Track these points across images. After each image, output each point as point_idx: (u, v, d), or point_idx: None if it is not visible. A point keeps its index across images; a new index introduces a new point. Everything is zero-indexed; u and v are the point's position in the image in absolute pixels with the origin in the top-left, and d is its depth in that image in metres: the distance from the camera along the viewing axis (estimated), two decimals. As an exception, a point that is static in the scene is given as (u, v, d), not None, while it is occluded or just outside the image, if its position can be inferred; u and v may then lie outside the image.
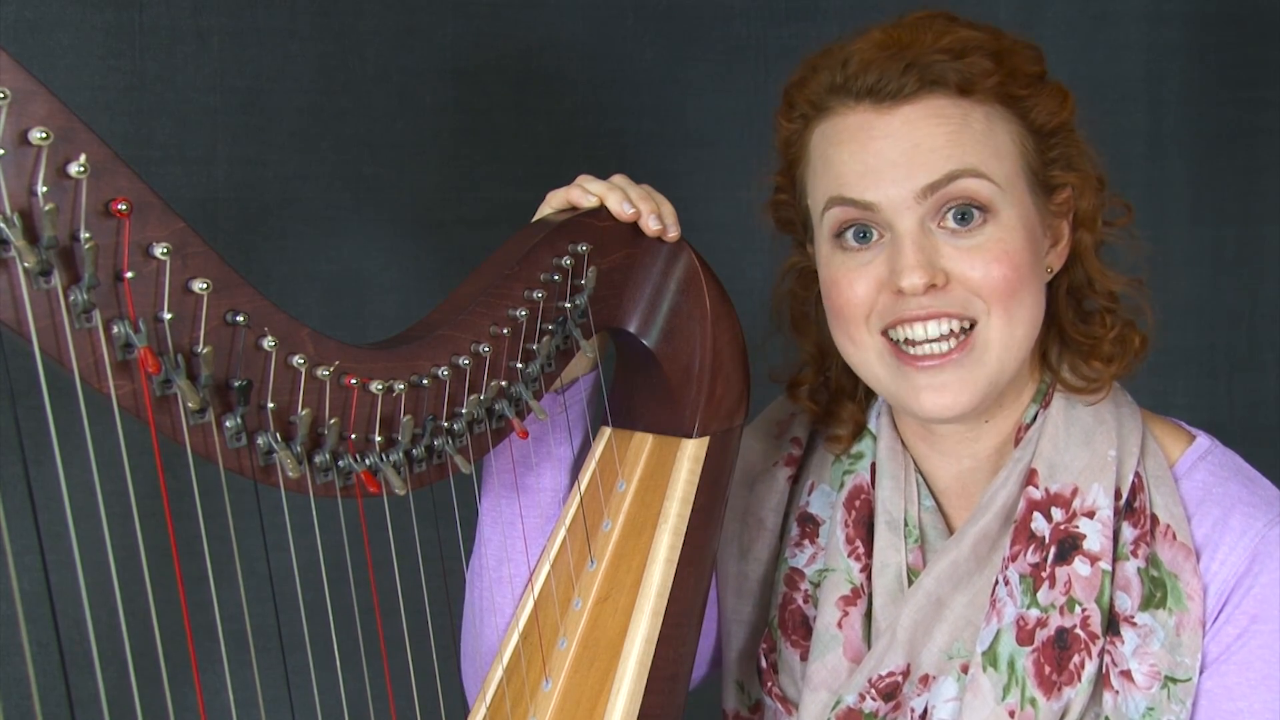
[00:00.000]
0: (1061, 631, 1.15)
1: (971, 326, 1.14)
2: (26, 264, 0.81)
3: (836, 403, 1.30)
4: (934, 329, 1.13)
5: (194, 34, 1.81)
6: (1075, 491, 1.18)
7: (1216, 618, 1.15)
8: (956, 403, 1.15)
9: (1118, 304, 1.22)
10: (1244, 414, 2.24)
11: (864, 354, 1.18)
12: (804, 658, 1.26)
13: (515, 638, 1.22)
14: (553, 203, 1.21)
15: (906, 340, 1.15)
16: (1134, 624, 1.15)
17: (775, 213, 1.28)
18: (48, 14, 1.76)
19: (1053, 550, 1.16)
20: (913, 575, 1.22)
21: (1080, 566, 1.15)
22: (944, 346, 1.14)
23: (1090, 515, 1.17)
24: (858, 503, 1.26)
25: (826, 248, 1.18)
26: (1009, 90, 1.14)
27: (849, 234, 1.16)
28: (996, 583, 1.18)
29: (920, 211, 1.12)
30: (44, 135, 0.81)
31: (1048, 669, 1.14)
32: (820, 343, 1.29)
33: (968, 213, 1.12)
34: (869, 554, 1.24)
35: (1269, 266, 2.23)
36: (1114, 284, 1.21)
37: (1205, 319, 2.22)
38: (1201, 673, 1.15)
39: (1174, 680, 1.14)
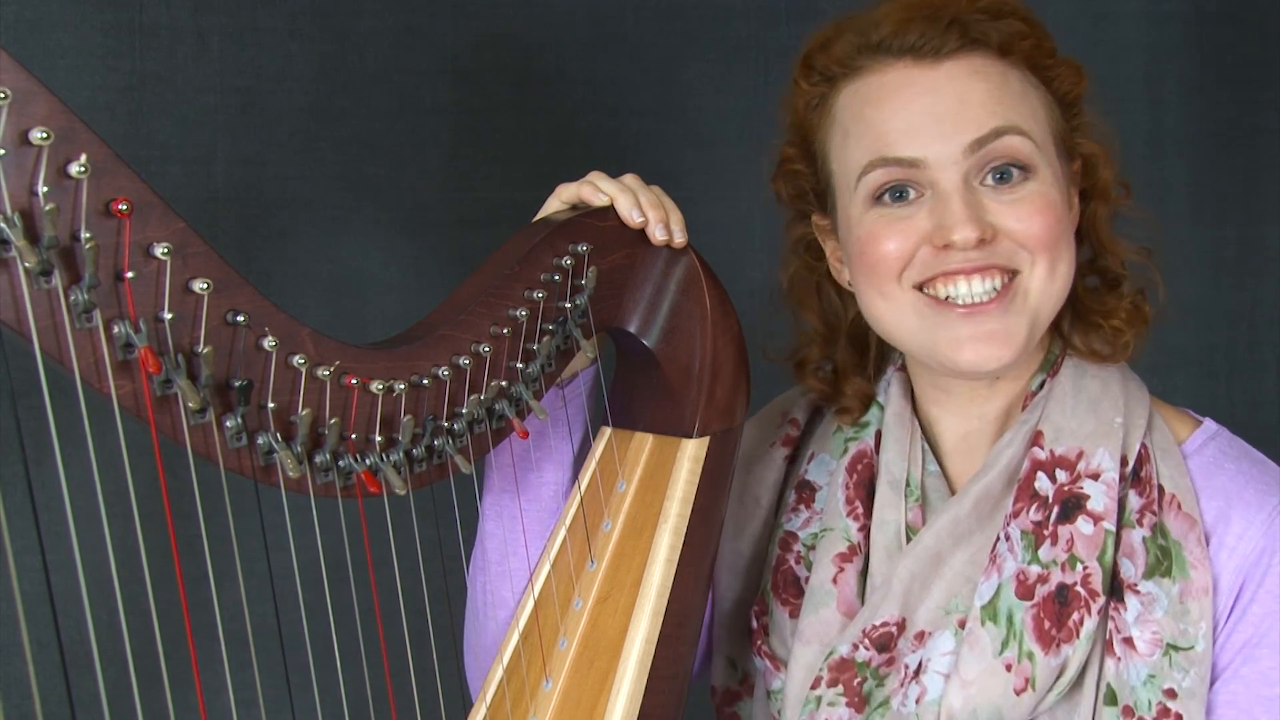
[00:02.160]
0: (1062, 587, 1.14)
1: (1013, 278, 1.14)
2: (27, 264, 0.81)
3: (843, 379, 1.30)
4: (978, 285, 1.14)
5: (194, 34, 1.81)
6: (1080, 455, 1.18)
7: (1237, 599, 1.15)
8: (1001, 354, 1.14)
9: (1127, 274, 1.23)
10: (1244, 414, 2.24)
11: (896, 308, 1.17)
12: (793, 615, 1.25)
13: (515, 637, 1.22)
14: (562, 196, 1.21)
15: (948, 298, 1.14)
16: (1138, 591, 1.15)
17: (788, 183, 1.27)
18: (48, 14, 1.76)
19: (1055, 509, 1.17)
20: (911, 533, 1.22)
21: (1083, 525, 1.15)
22: (986, 298, 1.14)
23: (1095, 477, 1.17)
24: (860, 466, 1.27)
25: (860, 208, 1.17)
26: (1038, 57, 1.17)
27: (886, 195, 1.16)
28: (998, 539, 1.18)
29: (965, 167, 1.13)
30: (44, 135, 0.81)
31: (1047, 624, 1.14)
32: (827, 319, 1.30)
33: (1007, 171, 1.14)
34: (868, 514, 1.24)
35: (1269, 266, 2.23)
36: (1125, 252, 1.23)
37: (1205, 319, 2.22)
38: (1225, 656, 1.15)
39: (1176, 648, 1.14)
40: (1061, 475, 1.18)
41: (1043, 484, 1.18)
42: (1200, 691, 1.14)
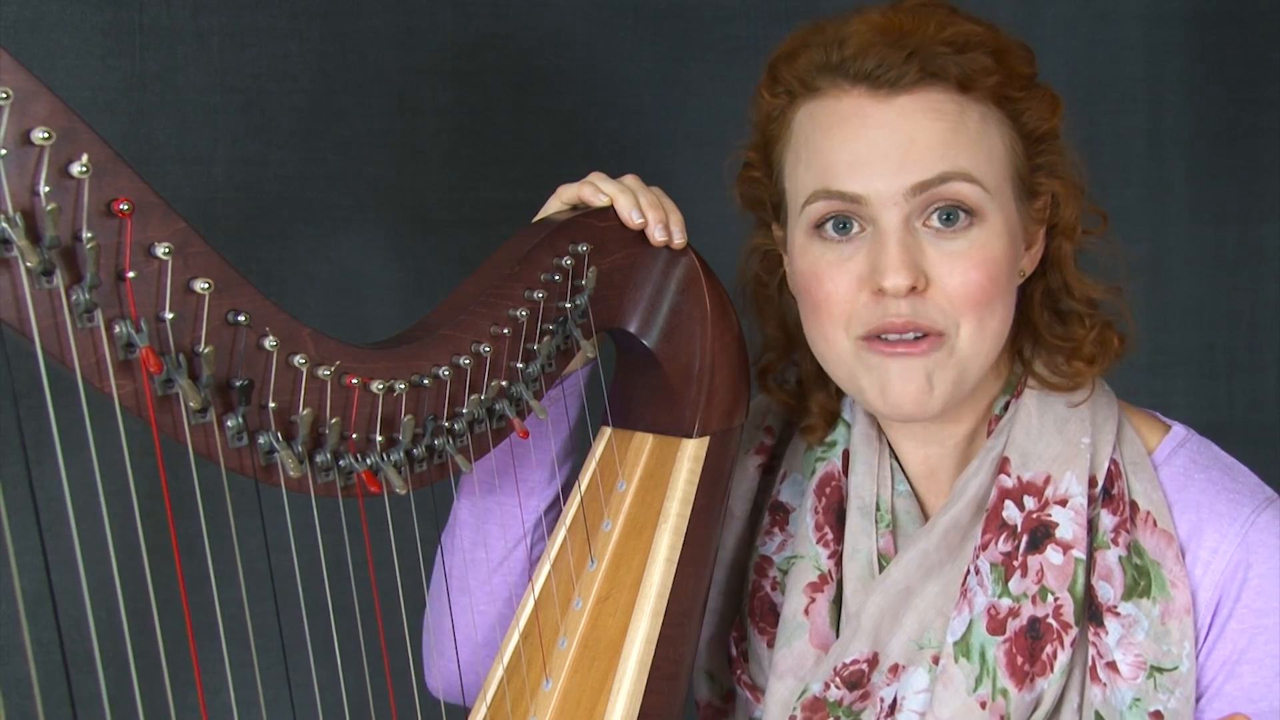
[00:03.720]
0: (1034, 621, 1.13)
1: (941, 338, 1.12)
2: (29, 264, 0.81)
3: (806, 392, 1.28)
4: (910, 335, 1.11)
5: (194, 34, 1.81)
6: (1048, 480, 1.16)
7: (1214, 616, 1.14)
8: (926, 407, 1.12)
9: (1096, 309, 1.20)
10: (1244, 414, 2.24)
11: (835, 351, 1.15)
12: (770, 645, 1.25)
13: (515, 637, 1.22)
14: (563, 196, 1.20)
15: (881, 337, 1.12)
16: (1117, 614, 1.14)
17: (744, 189, 1.25)
18: (48, 14, 1.76)
19: (1024, 539, 1.15)
20: (883, 561, 1.20)
21: (1053, 555, 1.14)
22: (914, 335, 1.12)
23: (1063, 504, 1.15)
24: (828, 490, 1.25)
25: (803, 236, 1.15)
26: (1005, 91, 1.12)
27: (829, 225, 1.13)
28: (968, 572, 1.16)
29: (907, 209, 1.10)
30: (46, 135, 0.81)
31: (1020, 659, 1.13)
32: (785, 326, 1.27)
33: (953, 214, 1.10)
34: (838, 540, 1.23)
35: (1269, 266, 2.23)
36: (1093, 290, 1.20)
37: (1205, 319, 2.22)
38: (1206, 674, 1.14)
39: (1160, 670, 1.13)
40: (1030, 502, 1.16)
41: (1011, 513, 1.16)
42: (1186, 711, 1.13)
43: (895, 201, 1.10)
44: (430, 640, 1.31)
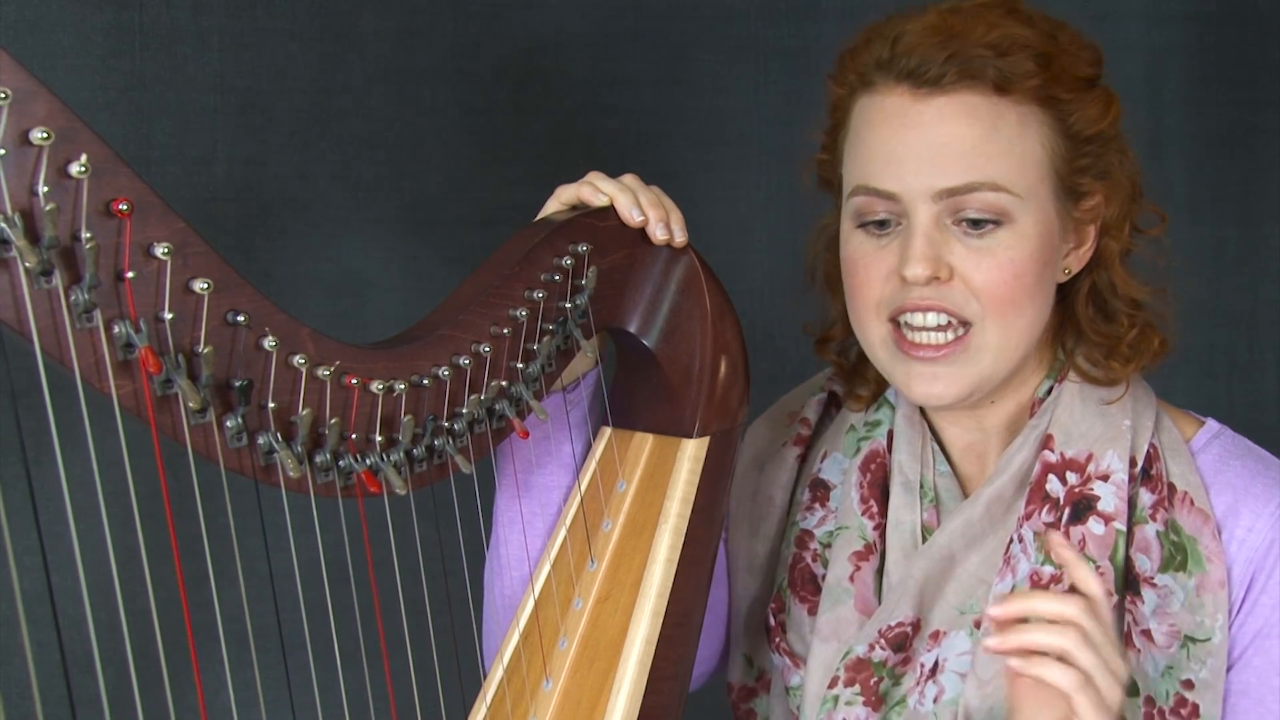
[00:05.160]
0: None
1: (967, 330, 1.15)
2: (27, 264, 0.81)
3: (863, 362, 1.30)
4: (932, 319, 1.15)
5: (194, 34, 1.81)
6: (1090, 457, 1.19)
7: (1248, 591, 1.16)
8: (946, 393, 1.17)
9: (1140, 310, 1.23)
10: (1244, 414, 2.23)
11: (869, 338, 1.20)
12: (812, 612, 1.26)
13: (515, 638, 1.22)
14: (562, 197, 1.21)
15: (908, 324, 1.16)
16: (1154, 585, 1.16)
17: (820, 170, 1.28)
18: (48, 14, 1.76)
19: (1067, 511, 1.18)
20: (927, 533, 1.23)
21: (1095, 526, 1.17)
22: (942, 337, 1.15)
23: (1105, 479, 1.18)
24: (873, 466, 1.28)
25: (848, 225, 1.20)
26: (1050, 93, 1.15)
27: (869, 222, 1.17)
28: (1011, 540, 1.19)
29: (936, 208, 1.13)
30: (45, 135, 0.81)
31: None
32: None
33: (980, 220, 1.14)
34: (883, 513, 1.25)
35: (1269, 266, 2.23)
36: (1137, 292, 1.22)
37: (1205, 319, 2.22)
38: (1236, 647, 1.16)
39: (1193, 640, 1.15)
40: (1072, 478, 1.19)
41: (1054, 486, 1.19)
42: (1216, 683, 1.15)
43: (925, 200, 1.13)
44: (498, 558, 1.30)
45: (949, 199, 1.13)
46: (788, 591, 1.29)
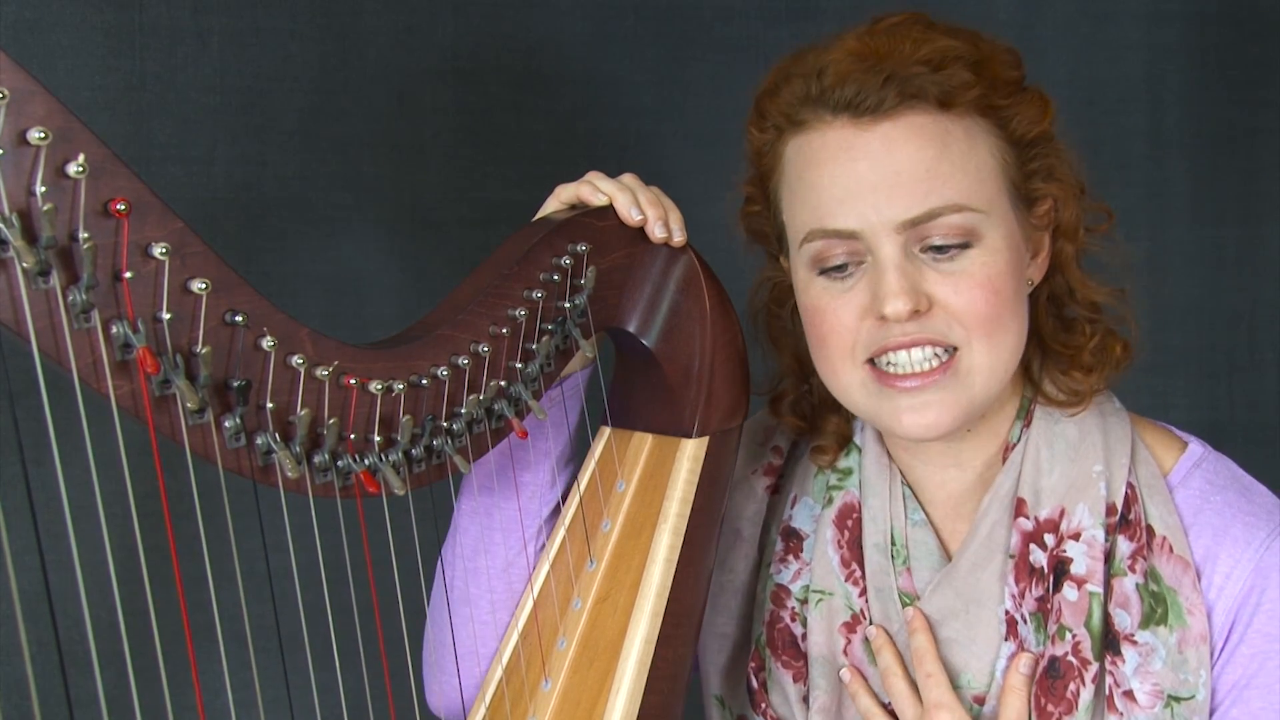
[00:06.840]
0: (1053, 661, 1.13)
1: (953, 354, 1.12)
2: (25, 264, 0.81)
3: (820, 415, 1.27)
4: (918, 355, 1.11)
5: (194, 34, 1.81)
6: (1062, 513, 1.16)
7: (1228, 639, 1.13)
8: (939, 422, 1.12)
9: (1099, 313, 1.20)
10: (1244, 414, 2.24)
11: (845, 384, 1.16)
12: (797, 679, 1.24)
13: (515, 638, 1.22)
14: (561, 196, 1.20)
15: (889, 364, 1.12)
16: (1135, 642, 1.13)
17: (747, 223, 1.25)
18: (48, 14, 1.76)
19: (1050, 580, 1.15)
20: (904, 599, 1.20)
21: (1069, 592, 1.14)
22: (928, 365, 1.11)
23: (1075, 538, 1.15)
24: (849, 523, 1.24)
25: (805, 273, 1.15)
26: (989, 101, 1.12)
27: (828, 268, 1.13)
28: (1016, 621, 1.16)
29: (902, 238, 1.09)
30: (42, 135, 0.81)
31: (1044, 700, 1.13)
32: (799, 354, 1.26)
33: (945, 246, 1.10)
34: (865, 575, 1.22)
35: (1269, 266, 2.23)
36: (1095, 294, 1.19)
37: (1205, 319, 2.22)
38: (1215, 697, 1.13)
39: (1177, 699, 1.12)
40: (1049, 539, 1.16)
41: (1037, 557, 1.16)
42: None
43: (888, 233, 1.09)
44: (431, 657, 1.29)
45: (913, 229, 1.09)
46: (767, 651, 1.27)
